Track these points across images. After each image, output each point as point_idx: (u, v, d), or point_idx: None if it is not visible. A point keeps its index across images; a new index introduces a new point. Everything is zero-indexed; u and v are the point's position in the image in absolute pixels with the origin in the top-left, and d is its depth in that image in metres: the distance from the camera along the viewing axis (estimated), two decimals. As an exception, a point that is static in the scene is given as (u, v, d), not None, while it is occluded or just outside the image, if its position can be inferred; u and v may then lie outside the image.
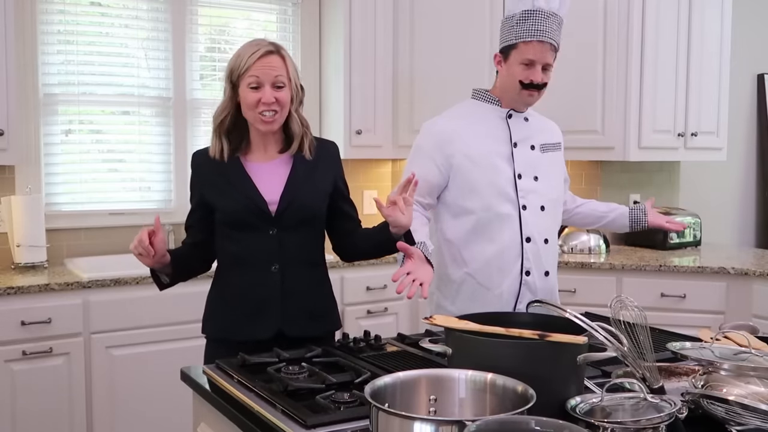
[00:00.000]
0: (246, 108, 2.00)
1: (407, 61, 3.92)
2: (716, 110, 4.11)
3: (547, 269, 2.29)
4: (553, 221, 2.33)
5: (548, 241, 2.29)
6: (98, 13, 3.62)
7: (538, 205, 2.26)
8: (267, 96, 1.97)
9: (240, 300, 2.06)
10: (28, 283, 2.90)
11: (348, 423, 1.38)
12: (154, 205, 3.74)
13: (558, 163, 2.39)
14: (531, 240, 2.24)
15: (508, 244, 2.23)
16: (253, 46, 1.99)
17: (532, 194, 2.26)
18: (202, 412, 1.77)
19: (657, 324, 2.16)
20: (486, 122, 2.28)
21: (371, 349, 1.92)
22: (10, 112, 3.03)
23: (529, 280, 2.25)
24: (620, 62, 3.76)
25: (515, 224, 2.23)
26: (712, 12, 4.02)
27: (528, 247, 2.24)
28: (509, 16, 2.22)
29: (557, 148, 2.39)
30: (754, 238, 5.06)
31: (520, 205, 2.24)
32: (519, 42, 2.17)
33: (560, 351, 1.36)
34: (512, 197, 2.24)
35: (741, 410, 1.31)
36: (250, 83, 1.97)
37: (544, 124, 2.40)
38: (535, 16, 2.16)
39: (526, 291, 2.26)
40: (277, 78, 1.98)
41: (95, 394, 3.01)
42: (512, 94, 2.25)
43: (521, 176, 2.25)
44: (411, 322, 3.73)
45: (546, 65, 2.20)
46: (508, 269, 2.24)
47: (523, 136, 2.29)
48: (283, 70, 1.99)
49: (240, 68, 1.98)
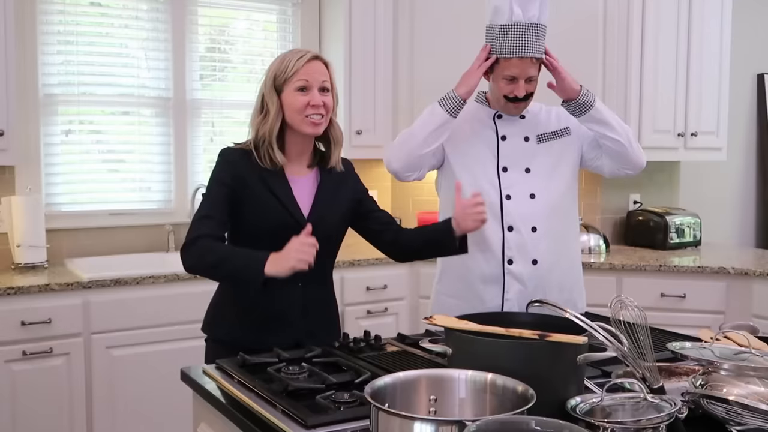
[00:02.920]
0: (293, 112, 1.99)
1: (407, 61, 3.92)
2: (716, 110, 4.11)
3: (535, 258, 2.24)
4: (549, 210, 2.26)
5: (537, 229, 2.24)
6: (98, 14, 3.62)
7: (526, 193, 2.24)
8: (316, 98, 1.98)
9: (259, 309, 2.01)
10: (28, 283, 2.90)
11: (348, 423, 1.38)
12: (153, 205, 3.74)
13: (563, 151, 2.31)
14: (514, 229, 2.23)
15: (489, 232, 2.23)
16: (298, 52, 2.02)
17: (519, 185, 2.25)
18: (202, 412, 1.77)
19: (657, 324, 2.15)
20: (474, 121, 2.32)
21: (371, 349, 1.92)
22: (10, 112, 3.03)
23: (513, 269, 2.24)
24: (620, 62, 3.76)
25: (497, 212, 2.24)
26: (712, 12, 4.02)
27: (510, 236, 2.23)
28: (490, 26, 2.19)
29: (561, 134, 2.32)
30: (754, 238, 5.06)
31: (503, 195, 2.24)
32: (500, 58, 2.16)
33: (560, 351, 1.36)
34: (496, 186, 2.25)
35: (741, 410, 1.31)
36: (298, 86, 1.98)
37: (546, 115, 2.34)
38: (514, 31, 2.12)
39: (512, 279, 2.24)
40: (323, 82, 2.01)
41: (95, 394, 3.01)
42: (499, 105, 2.27)
43: (507, 169, 2.26)
44: (411, 322, 3.73)
45: (529, 78, 2.18)
46: (490, 255, 2.25)
47: (513, 131, 2.29)
48: (327, 75, 2.02)
49: (287, 72, 1.98)
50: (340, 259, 2.27)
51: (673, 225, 4.02)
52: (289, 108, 1.99)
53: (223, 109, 3.92)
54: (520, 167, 2.26)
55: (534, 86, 2.21)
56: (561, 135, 2.33)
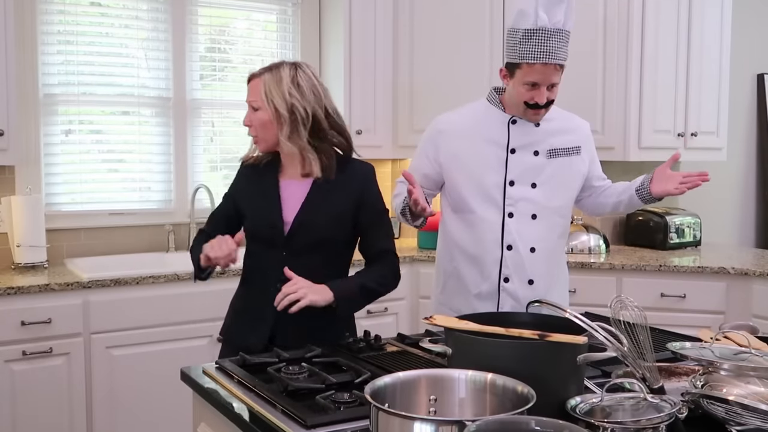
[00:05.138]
0: None
1: (407, 61, 3.92)
2: (716, 110, 4.11)
3: (531, 278, 2.22)
4: (548, 230, 2.24)
5: (535, 250, 2.22)
6: (98, 14, 3.62)
7: (528, 213, 2.21)
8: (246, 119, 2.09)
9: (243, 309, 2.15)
10: (28, 283, 2.90)
11: (348, 423, 1.38)
12: (153, 205, 3.74)
13: (571, 169, 2.27)
14: (513, 248, 2.21)
15: (488, 249, 2.22)
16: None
17: (524, 202, 2.21)
18: (202, 412, 1.77)
19: (657, 324, 2.16)
20: (488, 126, 2.25)
21: (371, 349, 1.92)
22: (10, 112, 3.03)
23: (508, 287, 2.23)
24: (620, 63, 3.76)
25: (497, 230, 2.21)
26: (712, 12, 4.02)
27: (508, 255, 2.21)
28: (513, 30, 2.13)
29: (573, 153, 2.27)
30: (754, 238, 5.06)
31: (505, 212, 2.21)
32: (522, 63, 2.10)
33: (560, 351, 1.36)
34: (498, 203, 2.22)
35: (741, 410, 1.31)
36: None
37: (565, 125, 2.29)
38: (539, 36, 2.06)
39: (507, 297, 2.23)
40: (251, 101, 2.07)
41: (95, 394, 3.01)
42: (518, 110, 2.21)
43: (513, 183, 2.21)
44: (411, 322, 3.73)
45: (551, 84, 2.13)
46: (487, 273, 2.24)
47: (526, 142, 2.23)
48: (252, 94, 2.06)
49: None
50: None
51: (673, 225, 4.02)
52: None
53: (223, 109, 3.92)
54: (526, 182, 2.22)
55: (555, 93, 2.16)
56: (571, 153, 2.27)
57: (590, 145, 2.34)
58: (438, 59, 3.85)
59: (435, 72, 3.86)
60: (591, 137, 2.35)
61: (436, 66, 3.85)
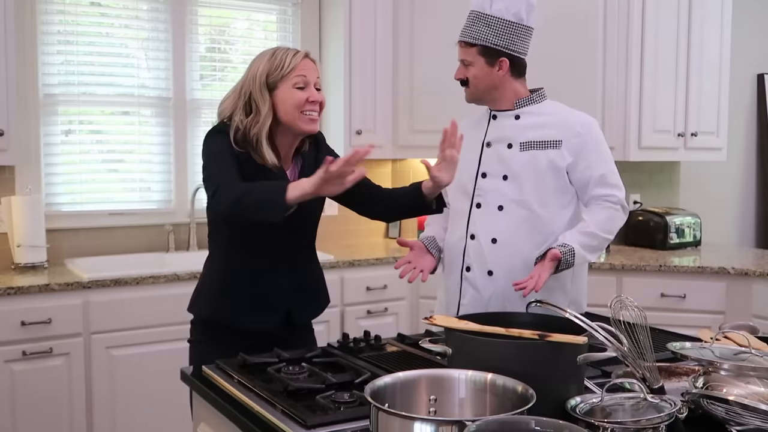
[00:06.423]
0: (290, 108, 1.98)
1: (407, 61, 3.92)
2: (716, 110, 4.11)
3: (491, 269, 2.21)
4: (514, 222, 2.19)
5: (497, 241, 2.20)
6: (98, 14, 3.62)
7: (495, 204, 2.22)
8: (315, 95, 2.00)
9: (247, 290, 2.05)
10: (28, 283, 2.90)
11: (348, 423, 1.38)
12: (153, 205, 3.74)
13: (544, 161, 2.19)
14: (475, 237, 2.24)
15: (457, 239, 2.29)
16: (289, 50, 2.02)
17: (493, 193, 2.23)
18: (202, 412, 1.77)
19: (657, 324, 2.15)
20: (475, 124, 2.35)
21: (371, 349, 1.92)
22: (10, 112, 3.03)
23: (469, 276, 2.25)
24: (620, 62, 3.76)
25: (465, 220, 2.27)
26: (712, 12, 4.02)
27: (471, 244, 2.25)
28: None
29: (549, 146, 2.19)
30: (754, 238, 5.06)
31: (473, 203, 2.26)
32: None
33: (560, 351, 1.36)
34: (470, 194, 2.27)
35: (741, 410, 1.31)
36: (296, 83, 1.98)
37: (552, 119, 2.22)
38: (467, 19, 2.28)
39: (468, 287, 2.26)
40: (317, 80, 2.03)
41: (95, 394, 3.01)
42: None
43: (486, 175, 2.25)
44: (411, 322, 3.72)
45: (464, 62, 2.28)
46: (455, 263, 2.29)
47: (501, 135, 2.25)
48: (318, 74, 2.05)
49: (283, 69, 1.97)
50: (339, 259, 2.28)
51: (673, 225, 4.02)
52: (285, 105, 1.98)
53: (223, 109, 3.91)
54: (498, 174, 2.23)
55: (470, 73, 2.25)
56: (547, 146, 2.20)
57: (583, 143, 2.21)
58: (438, 59, 3.85)
59: (435, 72, 3.85)
60: (590, 137, 2.22)
61: (436, 66, 3.85)
